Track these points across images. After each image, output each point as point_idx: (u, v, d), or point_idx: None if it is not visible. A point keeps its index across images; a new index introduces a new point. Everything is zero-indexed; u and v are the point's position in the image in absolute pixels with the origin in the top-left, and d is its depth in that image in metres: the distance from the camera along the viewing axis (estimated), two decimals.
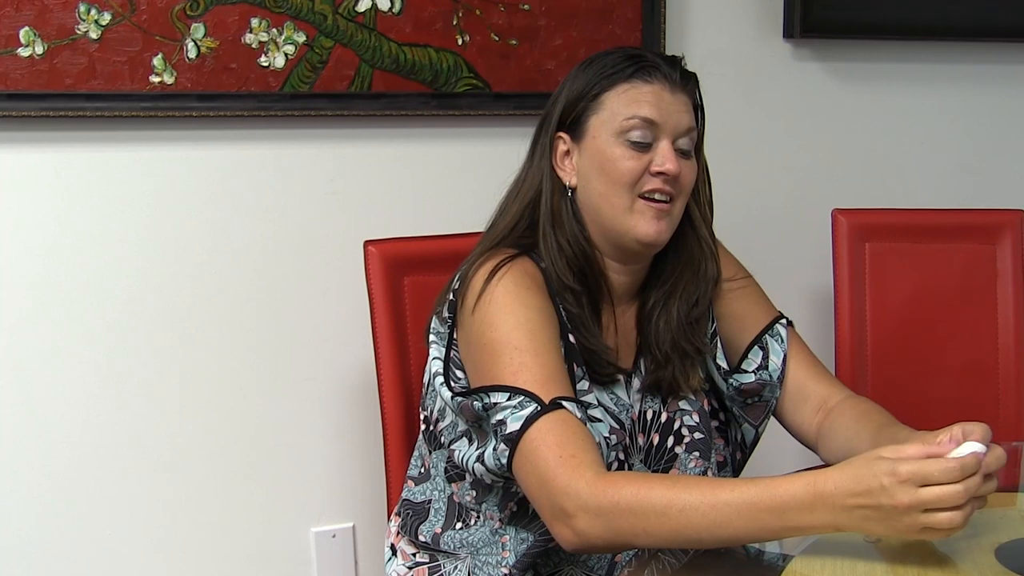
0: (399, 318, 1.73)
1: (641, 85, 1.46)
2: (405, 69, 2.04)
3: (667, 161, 1.44)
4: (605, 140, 1.46)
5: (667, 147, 1.45)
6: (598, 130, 1.47)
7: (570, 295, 1.47)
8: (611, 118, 1.46)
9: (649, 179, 1.45)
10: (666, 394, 1.55)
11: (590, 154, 1.47)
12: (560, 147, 1.50)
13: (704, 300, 1.56)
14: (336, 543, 2.15)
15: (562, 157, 1.50)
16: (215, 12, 1.91)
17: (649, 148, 1.45)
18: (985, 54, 2.45)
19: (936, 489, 1.13)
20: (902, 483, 1.13)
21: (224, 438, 2.05)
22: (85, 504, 1.99)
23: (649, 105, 1.45)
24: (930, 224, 2.13)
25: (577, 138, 1.49)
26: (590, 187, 1.48)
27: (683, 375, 1.54)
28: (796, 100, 2.35)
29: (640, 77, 1.46)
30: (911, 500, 1.13)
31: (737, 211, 2.20)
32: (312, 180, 2.06)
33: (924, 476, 1.13)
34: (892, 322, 2.09)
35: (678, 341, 1.53)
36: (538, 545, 1.46)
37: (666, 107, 1.45)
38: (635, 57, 1.47)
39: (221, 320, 2.03)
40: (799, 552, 1.26)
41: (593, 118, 1.47)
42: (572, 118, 1.49)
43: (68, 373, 1.96)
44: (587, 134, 1.48)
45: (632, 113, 1.45)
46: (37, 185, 1.91)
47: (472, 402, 1.40)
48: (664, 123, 1.45)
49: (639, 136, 1.45)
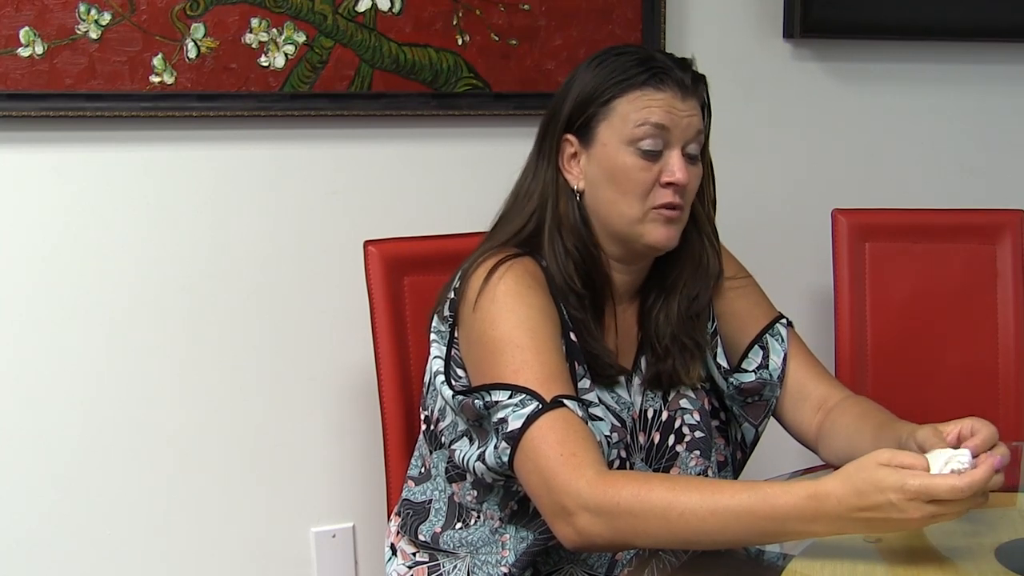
0: (399, 318, 1.73)
1: (653, 92, 1.44)
2: (405, 69, 2.04)
3: (677, 171, 1.44)
4: (615, 148, 1.45)
5: (677, 157, 1.44)
6: (608, 137, 1.45)
7: (574, 298, 1.47)
8: (622, 125, 1.44)
9: (659, 191, 1.44)
10: (667, 387, 1.55)
11: (599, 161, 1.46)
12: (567, 149, 1.49)
13: (704, 295, 1.56)
14: (336, 543, 2.15)
15: (569, 159, 1.49)
16: (215, 12, 1.91)
17: (659, 156, 1.44)
18: (985, 54, 2.45)
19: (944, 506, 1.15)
20: (911, 500, 1.15)
21: (224, 438, 2.05)
22: (84, 504, 1.99)
23: (661, 112, 1.43)
24: (930, 224, 2.13)
25: (586, 143, 1.47)
26: (599, 194, 1.47)
27: (683, 367, 1.54)
28: (796, 100, 2.35)
29: (652, 84, 1.44)
30: (922, 515, 1.15)
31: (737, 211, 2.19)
32: (312, 180, 2.06)
33: (932, 495, 1.15)
34: (892, 322, 2.09)
35: (678, 335, 1.53)
36: (538, 544, 1.46)
37: (677, 114, 1.44)
38: (647, 61, 1.46)
39: (221, 320, 2.03)
40: (799, 552, 1.26)
41: (603, 124, 1.46)
42: (581, 121, 1.47)
43: (67, 373, 1.95)
44: (596, 140, 1.46)
45: (643, 120, 1.43)
46: (37, 185, 1.91)
47: (473, 400, 1.40)
48: (675, 130, 1.44)
49: (650, 144, 1.44)
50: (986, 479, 1.16)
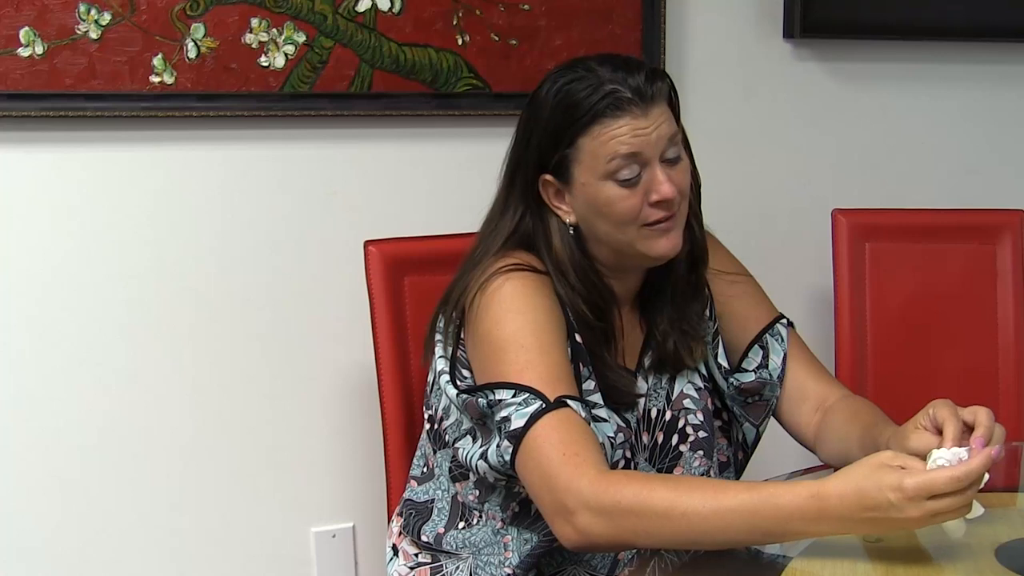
0: (399, 318, 1.73)
1: (612, 122, 1.39)
2: (405, 69, 2.04)
3: (663, 187, 1.41)
4: (594, 185, 1.42)
5: (658, 173, 1.41)
6: (584, 176, 1.42)
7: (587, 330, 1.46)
8: (593, 163, 1.41)
9: (649, 211, 1.42)
10: (672, 371, 1.55)
11: (583, 199, 1.44)
12: (550, 189, 1.46)
13: (699, 280, 1.55)
14: (336, 543, 2.15)
15: (555, 196, 1.47)
16: (215, 12, 1.91)
17: (639, 178, 1.41)
18: (985, 54, 2.45)
19: (944, 500, 1.15)
20: (910, 499, 1.14)
21: (224, 438, 2.05)
22: (85, 504, 1.99)
23: (628, 140, 1.39)
24: (930, 224, 2.13)
25: (565, 181, 1.45)
26: (592, 225, 1.46)
27: (685, 349, 1.53)
28: (796, 100, 2.35)
29: (609, 114, 1.38)
30: (921, 514, 1.15)
31: (737, 211, 2.20)
32: (312, 180, 2.06)
33: (931, 490, 1.15)
34: (892, 322, 2.09)
35: (676, 320, 1.53)
36: (542, 546, 1.46)
37: (643, 134, 1.39)
38: (598, 88, 1.39)
39: (221, 320, 2.03)
40: (799, 552, 1.26)
41: (575, 165, 1.42)
42: (555, 162, 1.44)
43: (65, 373, 1.95)
44: (575, 180, 1.44)
45: (612, 154, 1.39)
46: (37, 185, 1.91)
47: (477, 399, 1.40)
48: (647, 150, 1.40)
49: (627, 174, 1.40)
50: (983, 467, 1.16)
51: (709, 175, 1.58)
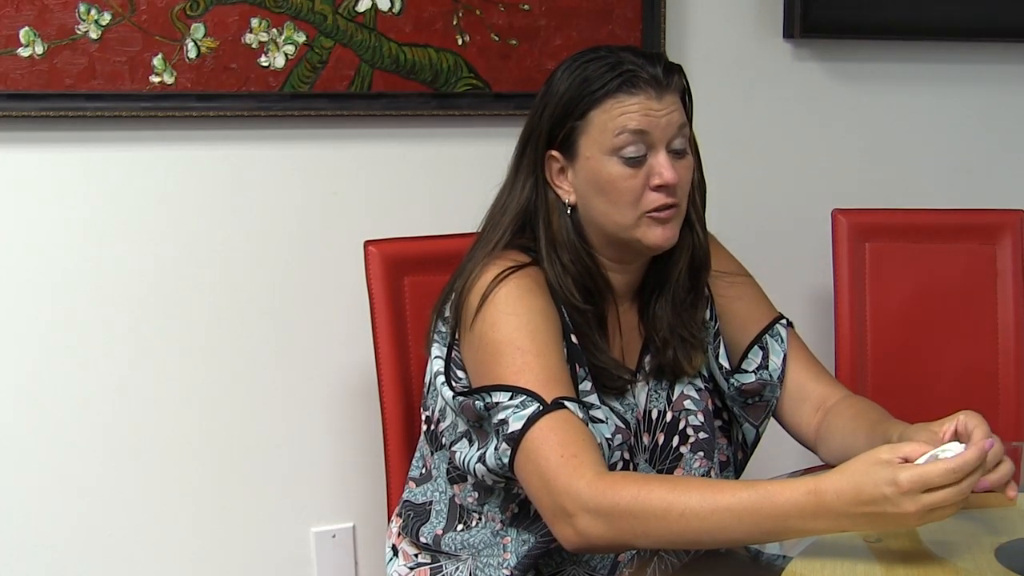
0: (399, 318, 1.73)
1: (626, 98, 1.41)
2: (405, 69, 2.04)
3: (665, 172, 1.41)
4: (598, 159, 1.43)
5: (663, 158, 1.42)
6: (590, 149, 1.43)
7: (577, 314, 1.46)
8: (601, 136, 1.42)
9: (650, 195, 1.43)
10: (671, 378, 1.55)
11: (585, 174, 1.45)
12: (554, 165, 1.47)
13: (699, 284, 1.55)
14: (336, 543, 2.15)
15: (557, 175, 1.48)
16: (215, 12, 1.91)
17: (644, 160, 1.42)
18: (985, 54, 2.45)
19: (939, 493, 1.15)
20: (905, 493, 1.14)
21: (224, 438, 2.05)
22: (85, 504, 1.99)
23: (637, 117, 1.40)
24: (930, 224, 2.13)
25: (570, 157, 1.46)
26: (591, 205, 1.46)
27: (685, 357, 1.53)
28: (796, 100, 2.35)
29: (624, 90, 1.41)
30: (916, 508, 1.15)
31: (737, 211, 2.20)
32: (312, 180, 2.06)
33: (926, 482, 1.14)
34: (892, 322, 2.09)
35: (676, 327, 1.53)
36: (540, 546, 1.46)
37: (655, 115, 1.41)
38: (616, 66, 1.42)
39: (221, 320, 2.03)
40: (799, 552, 1.26)
41: (583, 137, 1.43)
42: (562, 136, 1.45)
43: (65, 373, 1.95)
44: (579, 154, 1.44)
45: (621, 128, 1.41)
46: (37, 185, 1.91)
47: (474, 401, 1.40)
48: (655, 132, 1.41)
49: (633, 151, 1.41)
50: (978, 460, 1.16)
51: (709, 175, 1.57)
